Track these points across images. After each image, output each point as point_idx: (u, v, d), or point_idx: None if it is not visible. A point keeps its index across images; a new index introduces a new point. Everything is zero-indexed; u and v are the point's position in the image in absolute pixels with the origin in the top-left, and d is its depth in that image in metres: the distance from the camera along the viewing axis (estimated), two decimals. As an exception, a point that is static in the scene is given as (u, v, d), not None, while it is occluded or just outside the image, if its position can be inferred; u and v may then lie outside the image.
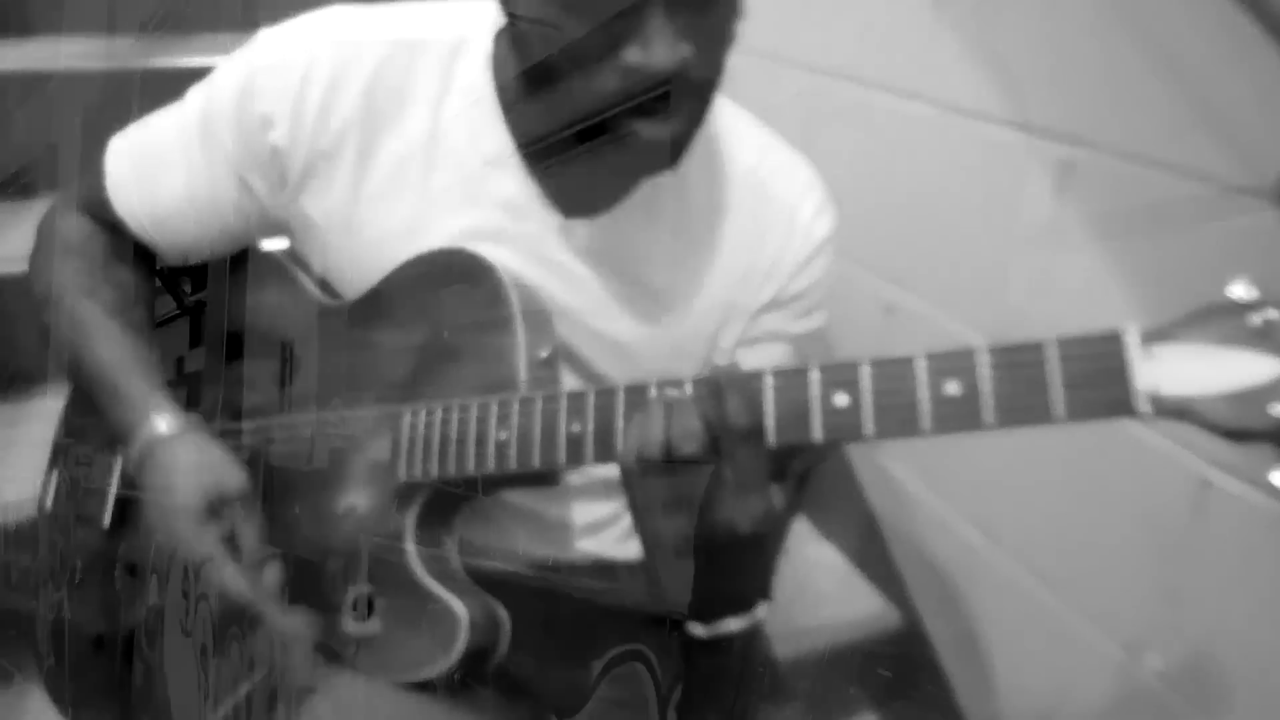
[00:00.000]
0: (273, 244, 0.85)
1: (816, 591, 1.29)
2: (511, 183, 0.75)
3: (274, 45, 0.75)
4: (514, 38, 0.69)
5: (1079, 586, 1.02)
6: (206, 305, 0.86)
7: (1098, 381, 0.48)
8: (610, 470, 0.82)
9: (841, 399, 0.54)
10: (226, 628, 0.69)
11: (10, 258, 1.30)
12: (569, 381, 0.78)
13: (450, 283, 0.72)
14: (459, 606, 0.66)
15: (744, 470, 0.57)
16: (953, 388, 0.51)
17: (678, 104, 0.63)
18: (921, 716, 1.28)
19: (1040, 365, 0.49)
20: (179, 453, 0.71)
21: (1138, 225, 0.90)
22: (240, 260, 0.85)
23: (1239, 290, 0.47)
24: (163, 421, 0.72)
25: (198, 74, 0.79)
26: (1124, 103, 0.90)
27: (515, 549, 0.83)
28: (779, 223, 0.79)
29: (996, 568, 1.11)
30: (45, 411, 1.32)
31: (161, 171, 0.79)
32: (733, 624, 0.66)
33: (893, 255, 1.23)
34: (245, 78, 0.74)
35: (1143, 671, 0.95)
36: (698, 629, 0.67)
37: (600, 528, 0.86)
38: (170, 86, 0.80)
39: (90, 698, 0.83)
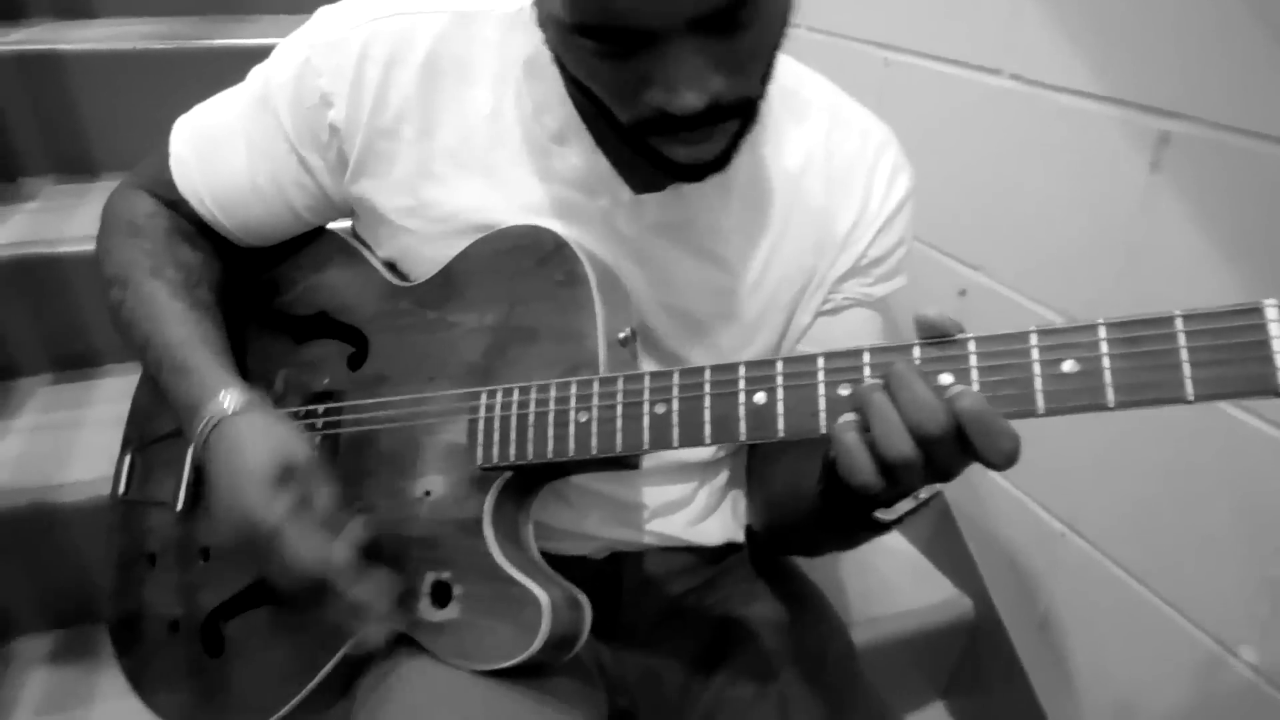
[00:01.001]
0: (340, 224, 0.84)
1: (886, 579, 1.26)
2: (580, 157, 0.72)
3: (332, 22, 0.74)
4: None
5: (1169, 577, 0.98)
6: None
7: (1234, 357, 0.45)
8: (687, 452, 0.81)
9: (946, 378, 0.51)
10: (302, 601, 0.68)
11: (77, 237, 1.32)
12: (642, 359, 0.76)
13: (525, 261, 0.70)
14: (540, 592, 0.65)
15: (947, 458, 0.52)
16: (1069, 365, 0.48)
17: (714, 131, 0.61)
18: (994, 706, 1.25)
19: (1169, 339, 0.46)
20: (245, 426, 0.69)
21: (1239, 201, 0.85)
22: (308, 240, 0.84)
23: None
24: (229, 398, 0.71)
25: (260, 53, 0.78)
26: (1221, 71, 0.86)
27: (590, 531, 0.81)
28: (855, 186, 0.76)
29: (1078, 556, 1.08)
30: (113, 391, 1.34)
31: (222, 150, 0.78)
32: (906, 504, 0.61)
33: (970, 237, 1.19)
34: (303, 56, 0.73)
35: (1236, 665, 0.91)
36: (884, 515, 0.62)
37: (673, 509, 0.84)
38: (233, 66, 0.80)
39: (167, 681, 0.83)
